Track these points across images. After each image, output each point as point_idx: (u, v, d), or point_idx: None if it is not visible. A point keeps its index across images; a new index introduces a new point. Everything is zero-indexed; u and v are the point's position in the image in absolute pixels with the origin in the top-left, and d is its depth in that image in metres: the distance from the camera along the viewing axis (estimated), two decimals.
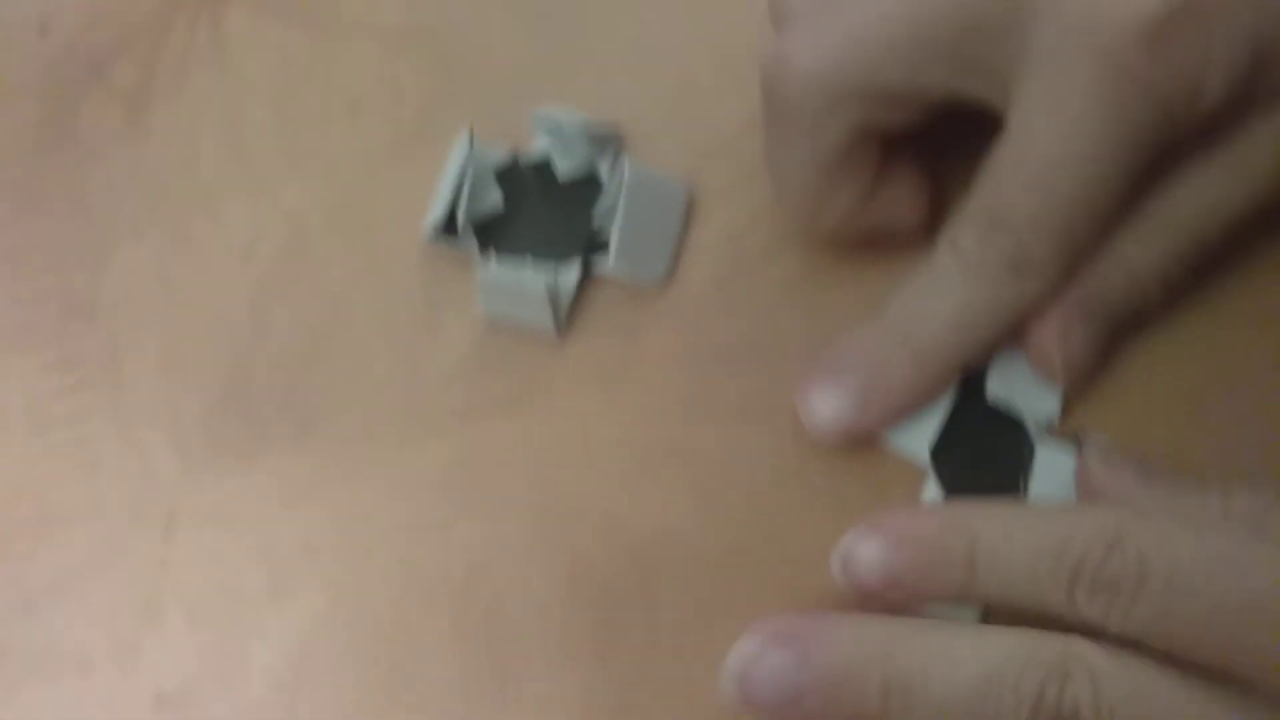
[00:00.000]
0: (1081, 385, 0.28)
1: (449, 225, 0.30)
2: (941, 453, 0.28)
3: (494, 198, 0.30)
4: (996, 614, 0.26)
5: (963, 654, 0.23)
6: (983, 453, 0.28)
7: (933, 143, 0.28)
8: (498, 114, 0.31)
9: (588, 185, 0.30)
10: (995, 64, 0.25)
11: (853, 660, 0.24)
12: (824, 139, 0.27)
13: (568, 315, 0.30)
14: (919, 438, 0.28)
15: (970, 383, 0.28)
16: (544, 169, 0.31)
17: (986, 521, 0.24)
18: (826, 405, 0.28)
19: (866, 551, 0.25)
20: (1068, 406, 0.28)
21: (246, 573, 0.29)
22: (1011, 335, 0.27)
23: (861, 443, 0.28)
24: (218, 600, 0.29)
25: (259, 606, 0.29)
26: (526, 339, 0.30)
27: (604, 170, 0.30)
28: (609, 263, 0.29)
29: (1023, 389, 0.28)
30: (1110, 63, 0.24)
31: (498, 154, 0.31)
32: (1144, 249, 0.27)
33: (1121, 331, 0.28)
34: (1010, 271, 0.26)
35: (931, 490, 0.28)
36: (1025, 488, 0.28)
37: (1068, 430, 0.28)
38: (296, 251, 0.31)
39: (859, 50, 0.26)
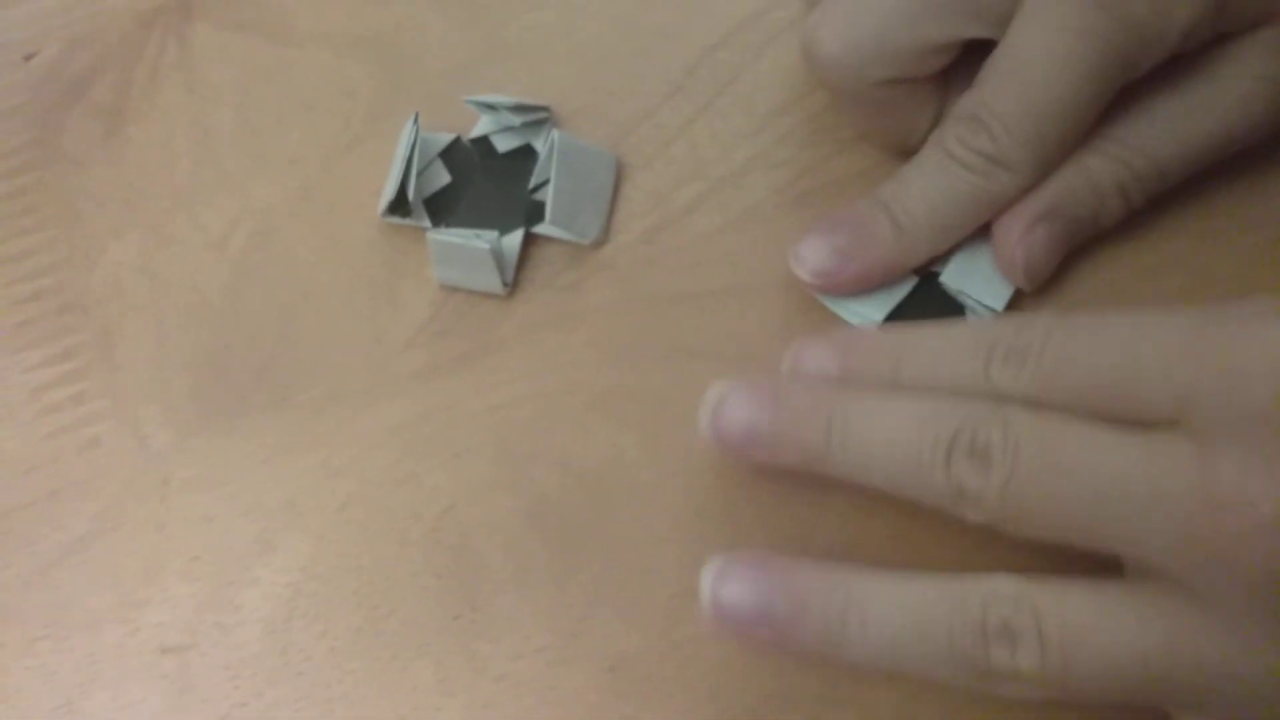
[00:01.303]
0: (1037, 284, 0.30)
1: (402, 203, 0.32)
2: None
3: (441, 174, 0.33)
4: None
5: (898, 406, 0.26)
6: None
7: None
8: (441, 107, 0.34)
9: (525, 157, 0.33)
10: (999, 7, 0.28)
11: (805, 403, 0.27)
12: (867, 100, 0.30)
13: (514, 275, 0.32)
14: (873, 316, 0.31)
15: (928, 276, 0.31)
16: (485, 146, 0.33)
17: (910, 336, 0.27)
18: (814, 254, 0.30)
19: (814, 357, 0.28)
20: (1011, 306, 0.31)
21: (236, 529, 0.31)
22: (975, 232, 0.30)
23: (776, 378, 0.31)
24: (212, 556, 0.30)
25: (249, 559, 0.30)
26: (478, 300, 0.32)
27: (539, 145, 0.33)
28: (546, 223, 0.31)
29: (975, 283, 0.31)
30: None
31: (443, 140, 0.33)
32: (1107, 164, 0.29)
33: (1079, 240, 0.30)
34: (985, 164, 0.29)
35: None
36: None
37: None
38: (266, 239, 0.33)
39: (870, 23, 0.29)
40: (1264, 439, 0.22)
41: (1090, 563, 0.24)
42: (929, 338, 0.27)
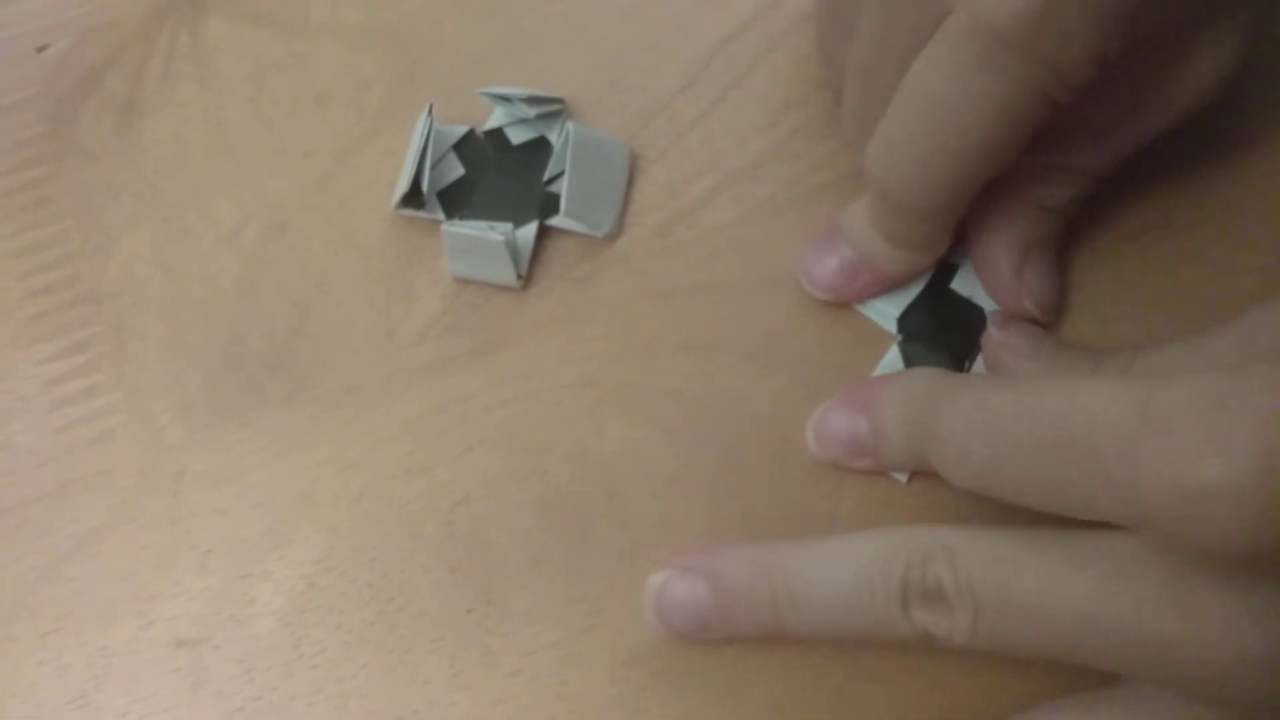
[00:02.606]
0: (1055, 312, 0.30)
1: (416, 195, 0.31)
2: (907, 325, 0.30)
3: (455, 167, 0.32)
4: None
5: (838, 558, 0.26)
6: (943, 329, 0.30)
7: None
8: (455, 99, 0.33)
9: (539, 150, 0.32)
10: None
11: (743, 580, 0.26)
12: None
13: (528, 268, 0.31)
14: (889, 313, 0.31)
15: (944, 272, 0.31)
16: (499, 138, 0.32)
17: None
18: (822, 274, 0.30)
19: (834, 424, 0.28)
20: None
21: (250, 522, 0.30)
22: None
23: (790, 370, 0.30)
24: (225, 549, 0.30)
25: (263, 552, 0.30)
26: (492, 293, 0.32)
27: (553, 137, 0.32)
28: (561, 216, 0.31)
29: (982, 291, 0.30)
30: (995, 39, 0.23)
31: (457, 132, 0.33)
32: (1054, 189, 0.29)
33: (1062, 245, 0.30)
34: (911, 211, 0.27)
35: (892, 357, 0.30)
36: (970, 365, 0.30)
37: None
38: (279, 232, 0.33)
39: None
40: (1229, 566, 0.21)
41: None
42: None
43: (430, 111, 0.32)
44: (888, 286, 0.30)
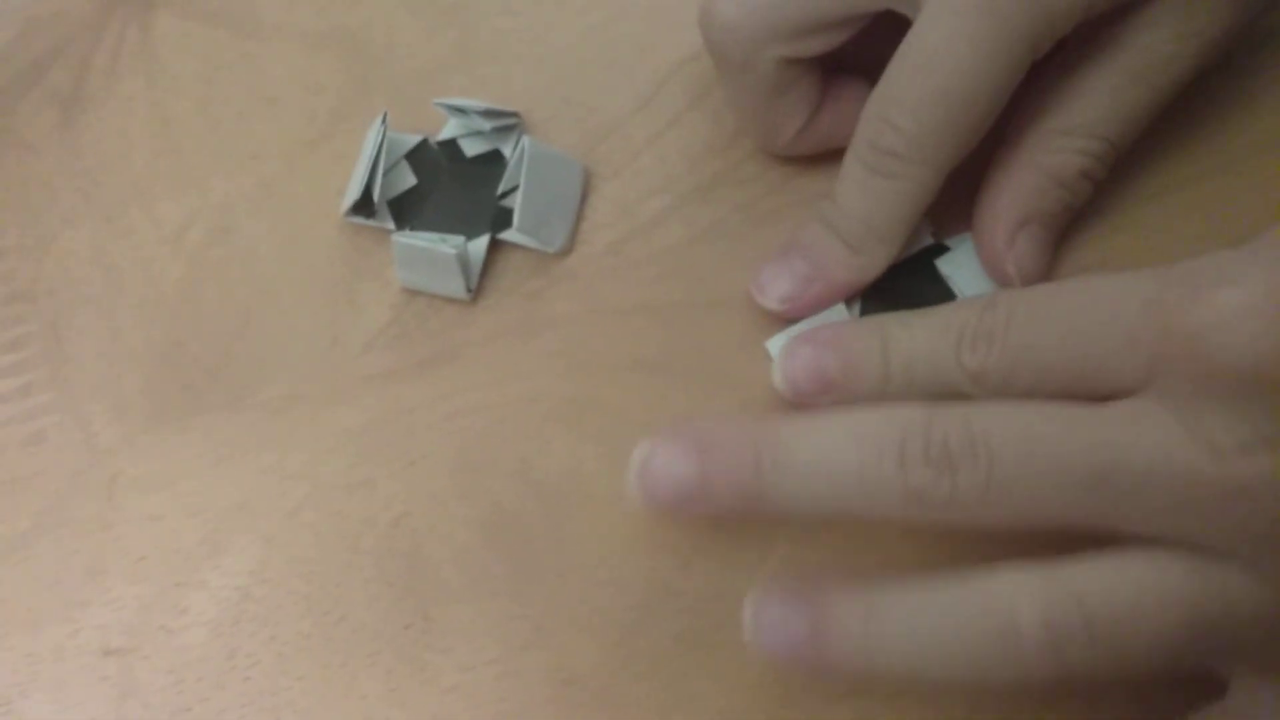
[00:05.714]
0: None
1: (367, 204, 0.31)
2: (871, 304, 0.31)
3: (407, 176, 0.32)
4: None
5: (830, 424, 0.25)
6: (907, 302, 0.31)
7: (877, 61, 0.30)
8: (408, 108, 0.33)
9: (493, 162, 0.32)
10: None
11: (730, 443, 0.25)
12: (756, 75, 0.30)
13: (478, 281, 0.31)
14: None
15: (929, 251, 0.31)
16: (453, 149, 0.32)
17: (892, 322, 0.28)
18: (776, 283, 0.30)
19: (800, 356, 0.28)
20: None
21: (184, 531, 0.30)
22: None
23: (734, 393, 0.30)
24: (158, 557, 0.30)
25: (197, 561, 0.30)
26: (440, 305, 0.31)
27: (507, 150, 0.32)
28: (513, 230, 0.31)
29: (968, 275, 0.31)
30: None
31: (410, 141, 0.32)
32: (1065, 157, 0.29)
33: (1062, 230, 0.31)
34: (899, 164, 0.28)
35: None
36: None
37: None
38: (224, 235, 0.32)
39: None
40: (1241, 394, 0.22)
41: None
42: (905, 329, 0.27)
43: (385, 119, 0.31)
44: (840, 296, 0.30)
